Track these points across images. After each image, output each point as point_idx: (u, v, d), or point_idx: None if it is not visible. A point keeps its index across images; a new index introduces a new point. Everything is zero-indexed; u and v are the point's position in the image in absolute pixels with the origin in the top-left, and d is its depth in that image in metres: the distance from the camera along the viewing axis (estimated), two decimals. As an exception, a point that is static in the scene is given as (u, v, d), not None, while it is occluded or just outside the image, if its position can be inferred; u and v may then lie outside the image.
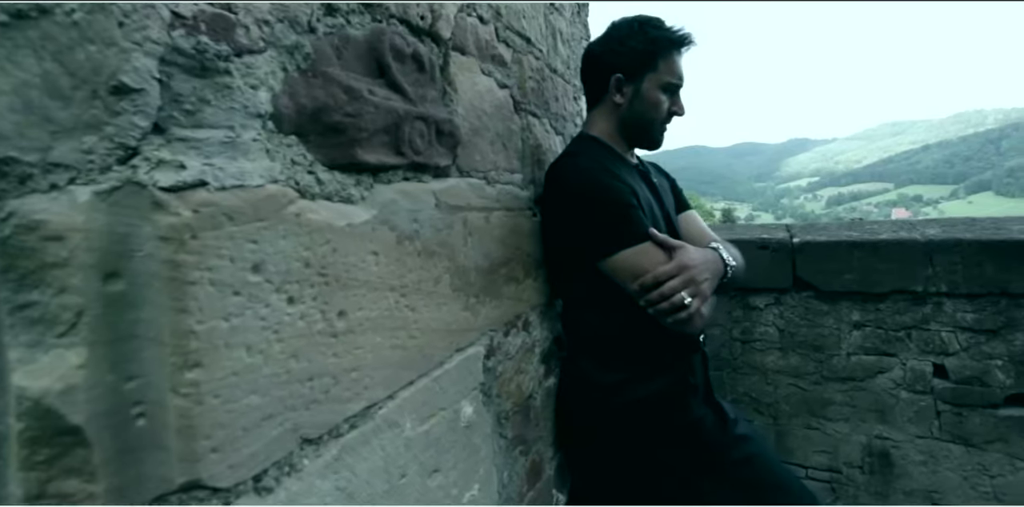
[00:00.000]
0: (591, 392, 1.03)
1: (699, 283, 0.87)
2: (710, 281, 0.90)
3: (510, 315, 0.91)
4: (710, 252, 0.95)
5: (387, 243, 0.60)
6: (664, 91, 1.03)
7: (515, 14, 1.00)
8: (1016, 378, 1.68)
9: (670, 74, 1.03)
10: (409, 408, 0.63)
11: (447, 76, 0.78)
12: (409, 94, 0.64)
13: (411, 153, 0.65)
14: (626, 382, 1.00)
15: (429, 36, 0.74)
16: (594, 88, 1.08)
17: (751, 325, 2.03)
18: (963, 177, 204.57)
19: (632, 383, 1.00)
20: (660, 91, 1.03)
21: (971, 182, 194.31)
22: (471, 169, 0.81)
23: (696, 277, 0.87)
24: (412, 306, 0.64)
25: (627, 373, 1.01)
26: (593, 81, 1.08)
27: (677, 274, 0.87)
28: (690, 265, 0.88)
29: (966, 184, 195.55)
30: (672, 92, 1.05)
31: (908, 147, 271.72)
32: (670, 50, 1.03)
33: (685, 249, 0.91)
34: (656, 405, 1.00)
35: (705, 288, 0.88)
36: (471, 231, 0.79)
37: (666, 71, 1.03)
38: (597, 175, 0.94)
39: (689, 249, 0.91)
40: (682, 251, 0.90)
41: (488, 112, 0.87)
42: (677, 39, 1.03)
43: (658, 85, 1.03)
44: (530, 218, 1.02)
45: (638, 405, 1.00)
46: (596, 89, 1.08)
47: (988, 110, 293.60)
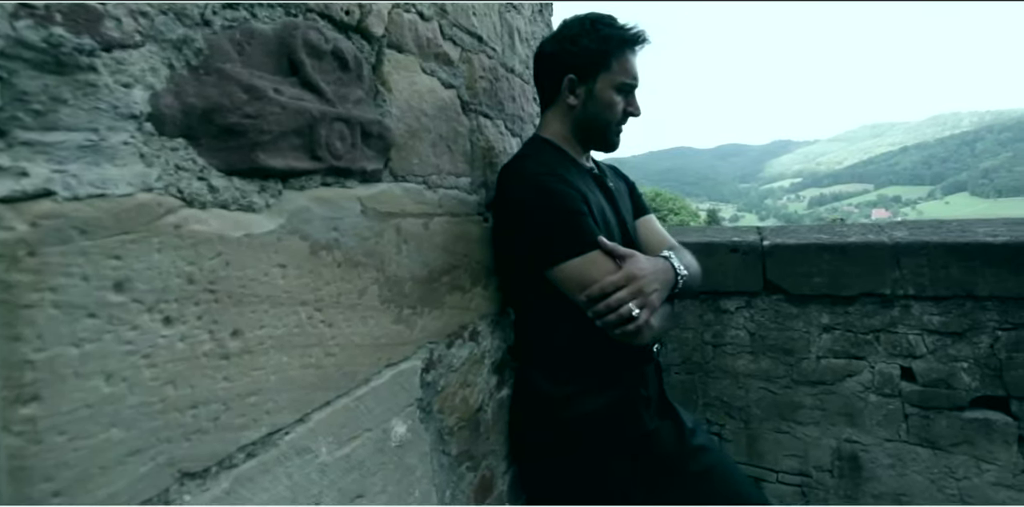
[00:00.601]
0: (540, 405, 0.99)
1: (648, 294, 0.84)
2: (660, 291, 0.87)
3: (454, 326, 0.87)
4: (661, 261, 0.92)
5: (298, 254, 0.56)
6: (618, 91, 1.00)
7: (463, 11, 0.96)
8: (981, 380, 1.68)
9: (624, 74, 1.00)
10: (325, 431, 0.58)
11: (380, 75, 0.73)
12: (327, 94, 0.60)
13: (329, 157, 0.60)
14: (576, 395, 0.97)
15: (358, 33, 0.70)
16: (547, 89, 1.05)
17: (722, 328, 2.02)
18: (940, 178, 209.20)
19: (582, 396, 0.97)
20: (614, 91, 1.00)
21: (948, 183, 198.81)
22: (408, 173, 0.77)
23: (645, 288, 0.84)
24: (330, 321, 0.59)
25: (577, 385, 0.97)
26: (545, 82, 1.04)
27: (625, 284, 0.84)
28: (639, 275, 0.84)
29: (943, 185, 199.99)
30: (627, 92, 1.02)
31: (887, 149, 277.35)
32: (623, 49, 1.00)
33: (635, 258, 0.87)
34: (607, 418, 0.96)
35: (654, 299, 0.85)
36: (406, 239, 0.74)
37: (620, 71, 0.99)
38: (545, 180, 0.90)
39: (639, 258, 0.88)
40: (632, 260, 0.87)
41: (429, 113, 0.83)
42: (631, 37, 1.00)
43: (612, 85, 0.99)
44: (480, 224, 0.98)
45: (588, 418, 0.96)
46: (549, 90, 1.04)
47: (963, 113, 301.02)
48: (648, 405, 1.02)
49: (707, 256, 2.01)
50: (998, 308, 1.66)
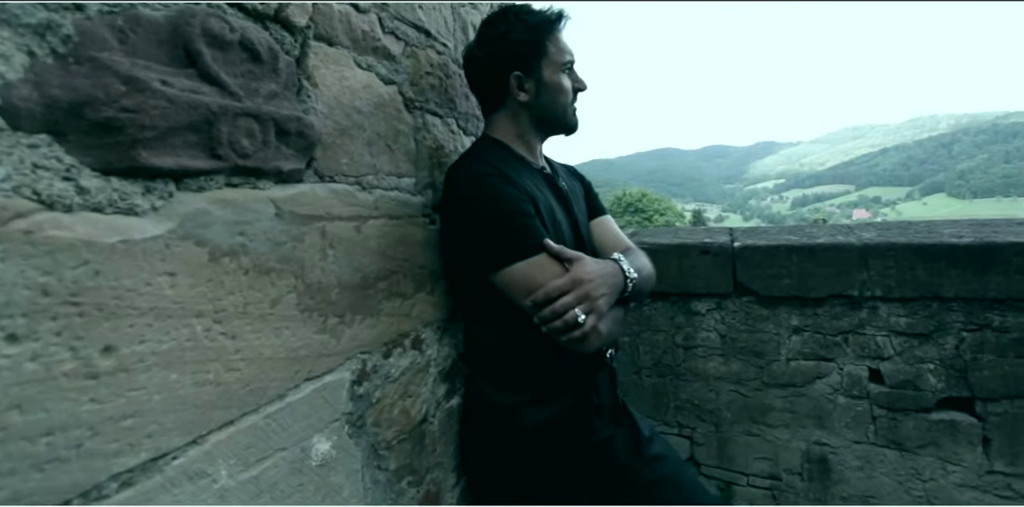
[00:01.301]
0: (488, 415, 0.95)
1: (594, 299, 0.80)
2: (607, 296, 0.83)
3: (392, 334, 0.83)
4: (610, 264, 0.88)
5: (192, 261, 0.51)
6: (563, 71, 0.99)
7: (407, 4, 0.91)
8: (947, 382, 1.69)
9: (561, 54, 0.98)
10: (226, 453, 0.54)
11: (305, 69, 0.69)
12: (230, 87, 0.55)
13: (234, 155, 0.56)
14: (524, 404, 0.93)
15: (277, 23, 0.65)
16: (489, 92, 1.01)
17: (693, 331, 2.00)
18: (918, 179, 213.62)
19: (530, 405, 0.93)
20: (560, 73, 0.98)
21: (926, 184, 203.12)
22: (336, 173, 0.72)
23: (591, 292, 0.80)
24: (233, 333, 0.55)
25: (525, 395, 0.93)
26: (486, 85, 1.01)
27: (571, 289, 0.80)
28: (585, 279, 0.81)
29: (921, 186, 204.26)
30: (569, 70, 1.01)
31: (867, 150, 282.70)
32: (552, 31, 0.98)
33: (582, 261, 0.84)
34: (557, 428, 0.93)
35: (601, 304, 0.81)
36: (333, 243, 0.70)
37: (557, 52, 0.97)
38: (489, 181, 0.86)
39: (587, 261, 0.84)
40: (579, 264, 0.83)
41: (364, 110, 0.79)
42: (555, 17, 0.98)
43: (556, 69, 0.97)
44: (426, 226, 0.94)
45: (537, 429, 0.92)
46: (492, 93, 1.00)
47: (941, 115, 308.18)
48: (601, 413, 0.99)
49: (678, 258, 2.00)
50: (963, 309, 1.66)
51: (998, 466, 1.62)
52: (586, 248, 1.02)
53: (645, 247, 2.04)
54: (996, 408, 1.63)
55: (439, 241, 0.96)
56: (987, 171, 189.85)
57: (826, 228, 1.98)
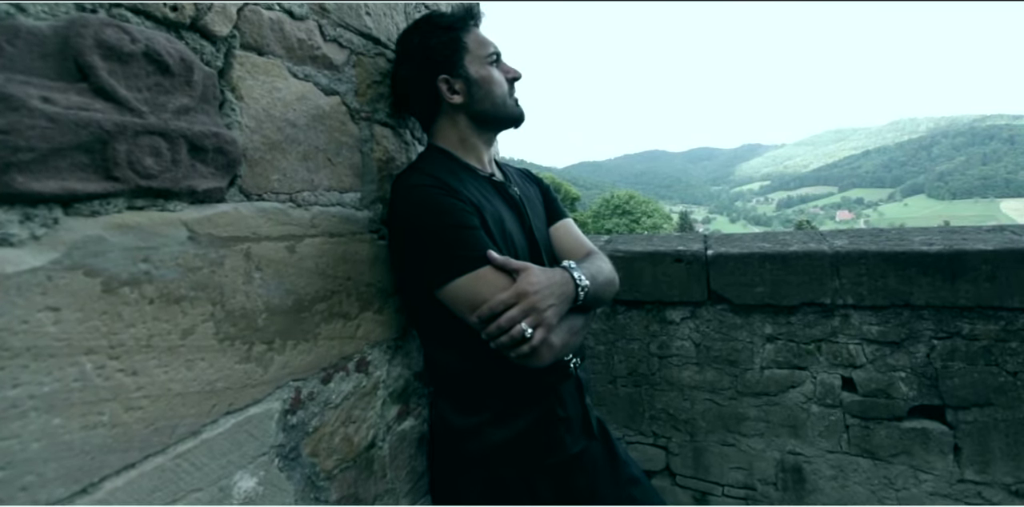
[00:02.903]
0: (449, 437, 0.91)
1: (542, 311, 0.76)
2: (556, 307, 0.79)
3: (333, 358, 0.78)
4: (559, 273, 0.83)
5: (81, 294, 0.47)
6: (490, 64, 0.96)
7: (351, 11, 0.88)
8: (918, 390, 1.68)
9: (483, 47, 0.96)
10: (126, 499, 0.49)
11: (229, 80, 0.65)
12: (129, 103, 0.51)
13: (134, 177, 0.52)
14: (484, 424, 0.89)
15: (195, 32, 0.61)
16: (423, 104, 0.98)
17: (668, 339, 1.98)
18: (899, 181, 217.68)
19: (491, 425, 0.89)
20: (487, 66, 0.95)
21: (906, 186, 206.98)
22: (265, 191, 0.68)
23: (538, 304, 0.76)
24: (134, 369, 0.51)
25: (485, 414, 0.89)
26: (418, 97, 0.98)
27: (516, 302, 0.75)
28: (530, 291, 0.76)
29: (902, 188, 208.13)
30: (496, 61, 0.98)
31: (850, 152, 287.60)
32: (467, 27, 0.96)
33: (528, 272, 0.80)
34: (521, 446, 0.89)
35: (549, 316, 0.78)
36: (260, 265, 0.66)
37: (478, 46, 0.95)
38: (429, 193, 0.83)
39: (533, 272, 0.80)
40: (524, 275, 0.79)
41: (300, 123, 0.75)
42: (466, 14, 0.96)
43: (481, 62, 0.95)
44: (373, 242, 0.90)
45: (499, 449, 0.88)
46: (426, 104, 0.97)
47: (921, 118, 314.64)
48: (569, 426, 0.94)
49: (652, 265, 1.98)
50: (934, 317, 1.66)
51: (969, 474, 1.62)
52: (542, 255, 0.98)
53: (619, 255, 2.02)
54: (966, 416, 1.63)
55: (389, 257, 0.92)
56: (965, 173, 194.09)
57: (799, 235, 1.97)
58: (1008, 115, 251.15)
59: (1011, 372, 1.59)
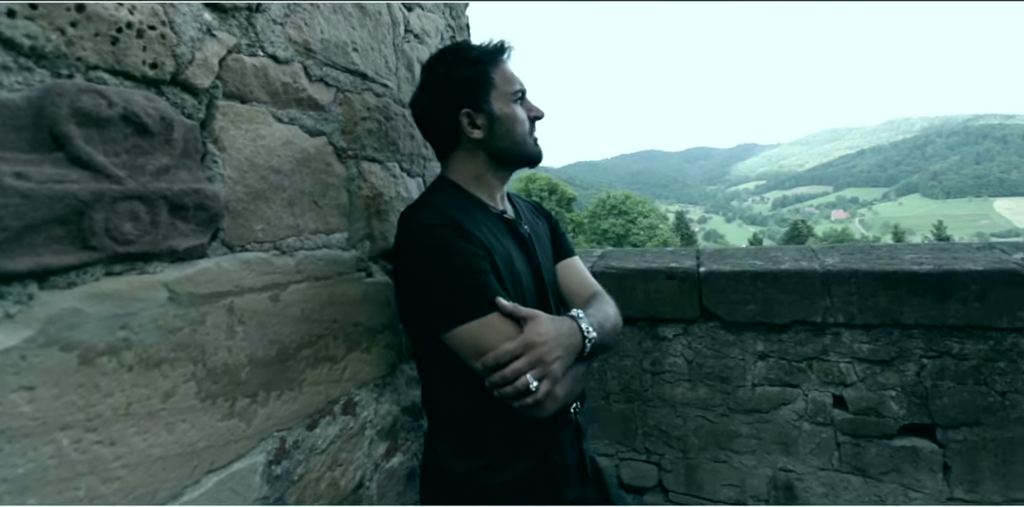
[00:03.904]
0: (443, 480, 0.90)
1: (548, 363, 0.75)
2: (563, 359, 0.77)
3: (319, 403, 0.78)
4: (567, 323, 0.82)
5: (57, 369, 0.46)
6: (514, 102, 0.94)
7: (339, 48, 0.87)
8: (908, 408, 1.69)
9: (510, 84, 0.94)
10: (103, 573, 0.49)
11: (212, 132, 0.64)
12: (107, 169, 0.51)
13: (112, 244, 0.51)
14: (481, 469, 0.87)
15: (177, 85, 0.61)
16: (441, 136, 0.96)
17: (660, 356, 1.98)
18: (894, 180, 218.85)
19: (488, 469, 0.87)
20: (512, 104, 0.93)
21: (901, 185, 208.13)
22: (249, 241, 0.68)
23: (544, 356, 0.75)
24: (112, 439, 0.50)
25: (483, 458, 0.88)
26: (438, 129, 0.96)
27: (522, 353, 0.74)
28: (538, 342, 0.75)
29: (896, 187, 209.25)
30: (521, 99, 0.96)
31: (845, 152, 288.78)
32: (496, 62, 0.93)
33: (536, 321, 0.78)
34: (516, 493, 0.88)
35: (556, 368, 0.75)
36: (243, 318, 0.65)
37: (505, 82, 0.93)
38: (440, 233, 0.80)
39: (541, 321, 0.78)
40: (532, 324, 0.78)
41: (284, 169, 0.74)
42: (496, 49, 0.94)
43: (506, 100, 0.93)
44: (360, 281, 0.90)
45: (495, 493, 0.87)
46: (445, 135, 0.95)
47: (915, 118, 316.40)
48: (566, 473, 0.93)
49: (645, 282, 1.98)
50: (924, 336, 1.67)
51: (958, 493, 1.63)
52: (548, 295, 0.98)
53: (612, 271, 2.02)
54: (956, 435, 1.64)
55: (395, 293, 0.91)
56: (959, 172, 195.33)
57: (791, 252, 1.97)
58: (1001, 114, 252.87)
59: (1000, 392, 1.60)
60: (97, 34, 0.52)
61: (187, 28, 0.61)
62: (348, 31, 0.90)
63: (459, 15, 1.32)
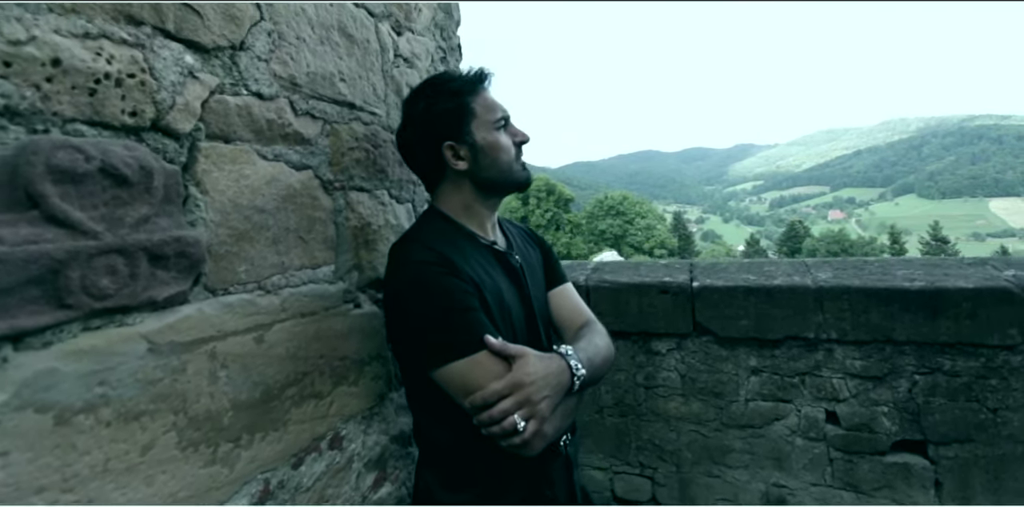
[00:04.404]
0: None
1: (535, 403, 0.75)
2: (550, 398, 0.77)
3: (304, 441, 0.78)
4: (555, 361, 0.82)
5: (32, 432, 0.46)
6: (497, 130, 0.93)
7: (325, 80, 0.87)
8: (900, 425, 1.69)
9: (491, 112, 0.93)
10: None
11: (194, 175, 0.64)
12: (84, 225, 0.50)
13: (89, 300, 0.51)
14: (471, 502, 0.87)
15: (158, 131, 0.60)
16: (427, 168, 0.96)
17: (654, 370, 1.98)
18: (890, 180, 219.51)
19: (478, 503, 0.87)
20: (494, 132, 0.93)
21: (897, 185, 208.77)
22: (232, 283, 0.67)
23: (532, 396, 0.75)
24: (89, 497, 0.50)
25: (472, 491, 0.87)
26: (422, 163, 0.96)
27: (510, 393, 0.74)
28: (525, 382, 0.75)
29: (893, 187, 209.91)
30: (505, 125, 0.95)
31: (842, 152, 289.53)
32: (475, 91, 0.93)
33: (524, 359, 0.78)
34: None
35: (543, 408, 0.75)
36: (225, 362, 0.65)
37: (486, 111, 0.92)
38: (430, 271, 0.80)
39: (529, 359, 0.78)
40: (520, 362, 0.78)
41: (268, 208, 0.74)
42: (475, 78, 0.94)
43: (489, 128, 0.92)
44: (348, 313, 0.89)
45: None
46: (430, 168, 0.95)
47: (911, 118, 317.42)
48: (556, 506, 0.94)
49: (638, 296, 1.98)
50: (915, 353, 1.68)
51: (950, 509, 1.63)
52: (539, 326, 0.97)
53: (606, 285, 2.02)
54: (947, 452, 1.64)
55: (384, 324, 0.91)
56: (955, 172, 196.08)
57: (784, 266, 1.98)
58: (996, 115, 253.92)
59: (991, 409, 1.60)
60: (74, 87, 0.52)
61: (168, 73, 0.61)
62: (335, 62, 0.89)
63: (450, 36, 1.31)
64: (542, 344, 0.98)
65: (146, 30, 0.59)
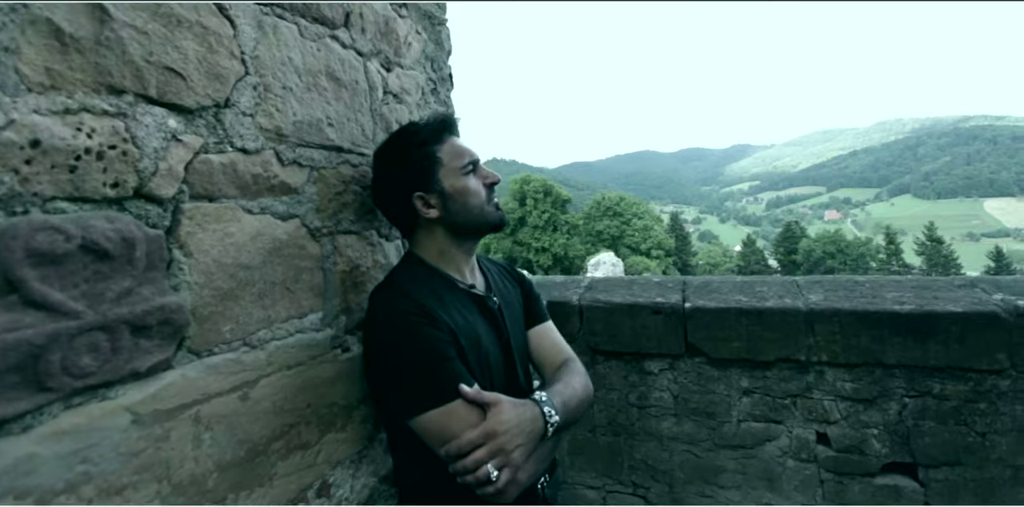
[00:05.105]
0: None
1: (508, 452, 0.76)
2: (524, 447, 0.79)
3: (291, 493, 0.78)
4: (529, 409, 0.83)
5: (10, 521, 0.46)
6: (466, 175, 0.95)
7: (312, 127, 0.87)
8: (891, 447, 1.70)
9: (458, 158, 0.94)
10: None
11: (177, 238, 0.64)
12: (65, 306, 0.50)
13: (70, 381, 0.51)
14: None
15: (141, 198, 0.60)
16: (401, 218, 0.98)
17: (647, 390, 1.99)
18: (886, 181, 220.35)
19: None
20: (463, 178, 0.94)
21: (893, 186, 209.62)
22: (217, 343, 0.67)
23: (505, 446, 0.76)
24: (69, 580, 0.50)
25: None
26: (396, 213, 0.98)
27: (483, 443, 0.77)
28: (499, 431, 0.77)
29: (888, 187, 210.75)
30: (474, 170, 0.96)
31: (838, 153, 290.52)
32: (441, 139, 0.95)
33: (499, 408, 0.80)
34: None
35: (516, 457, 0.78)
36: (210, 425, 0.65)
37: (452, 158, 0.94)
38: (407, 322, 0.82)
39: (503, 408, 0.81)
40: (494, 411, 0.80)
41: (254, 264, 0.74)
42: (440, 126, 0.96)
43: (456, 174, 0.94)
44: (336, 358, 0.89)
45: None
46: (404, 218, 0.97)
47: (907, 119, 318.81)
48: None
49: (631, 317, 1.99)
50: (905, 376, 1.69)
51: (939, 532, 1.64)
52: (517, 369, 0.99)
53: (599, 306, 2.03)
54: (937, 475, 1.66)
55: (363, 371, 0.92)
56: (950, 173, 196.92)
57: (776, 286, 1.98)
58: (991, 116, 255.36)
59: (980, 432, 1.62)
60: (54, 166, 0.52)
61: (150, 140, 0.61)
62: (323, 107, 0.89)
63: (440, 67, 1.32)
64: (519, 385, 0.99)
65: (128, 98, 0.59)
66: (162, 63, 0.62)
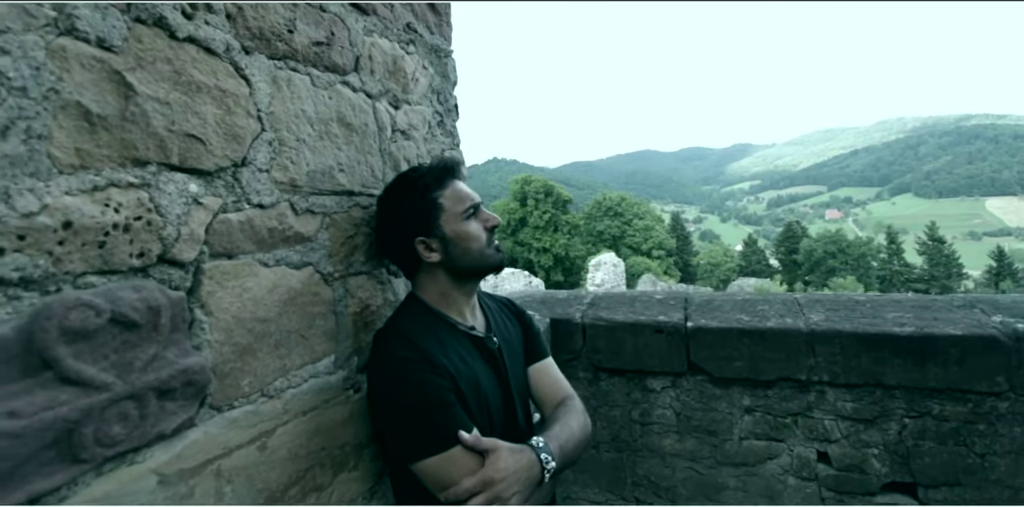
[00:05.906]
0: None
1: (506, 500, 0.79)
2: (520, 494, 0.82)
3: (306, 536, 0.80)
4: (526, 456, 0.86)
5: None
6: (467, 219, 0.96)
7: (324, 175, 0.89)
8: (891, 467, 1.72)
9: (460, 202, 0.96)
10: None
11: (199, 298, 0.66)
12: (97, 381, 0.53)
13: (103, 450, 0.53)
14: None
15: (164, 263, 0.62)
16: (403, 261, 1.00)
17: (649, 407, 2.01)
18: (887, 180, 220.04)
19: None
20: (464, 222, 0.96)
21: (894, 185, 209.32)
22: (237, 397, 0.70)
23: (502, 493, 0.79)
24: None
25: None
26: (398, 257, 1.01)
27: (481, 491, 0.80)
28: (496, 479, 0.80)
29: (890, 187, 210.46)
30: (475, 213, 0.98)
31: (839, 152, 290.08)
32: (444, 184, 0.97)
33: (496, 455, 0.83)
34: None
35: (513, 504, 0.81)
36: (231, 478, 0.68)
37: (455, 202, 0.96)
38: (408, 368, 0.85)
39: (501, 454, 0.83)
40: (492, 458, 0.82)
41: (271, 316, 0.76)
42: (442, 172, 0.98)
43: (457, 219, 0.95)
44: (348, 401, 0.92)
45: None
46: (406, 261, 0.99)
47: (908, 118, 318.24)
48: None
49: (634, 335, 2.01)
50: (905, 397, 1.71)
51: (938, 552, 1.66)
52: (516, 410, 1.01)
53: (602, 324, 2.05)
54: (936, 495, 1.68)
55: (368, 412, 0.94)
56: (951, 172, 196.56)
57: (777, 305, 2.00)
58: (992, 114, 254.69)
59: (979, 454, 1.64)
60: (84, 244, 0.54)
61: (173, 207, 0.63)
62: (334, 154, 0.92)
63: (446, 99, 1.34)
64: (519, 425, 1.02)
65: (151, 169, 0.61)
66: (183, 131, 0.64)
